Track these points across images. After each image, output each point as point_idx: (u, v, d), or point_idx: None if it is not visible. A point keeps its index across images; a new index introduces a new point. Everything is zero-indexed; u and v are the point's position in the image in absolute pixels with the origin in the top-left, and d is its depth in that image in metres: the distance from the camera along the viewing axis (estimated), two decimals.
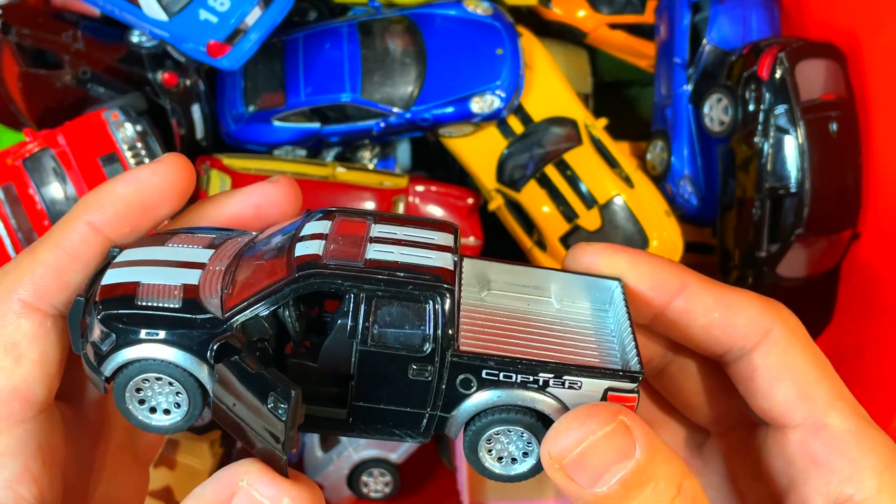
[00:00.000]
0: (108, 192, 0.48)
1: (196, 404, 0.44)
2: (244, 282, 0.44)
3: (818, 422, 0.47)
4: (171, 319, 0.43)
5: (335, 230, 0.45)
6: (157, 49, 1.19)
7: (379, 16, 1.27)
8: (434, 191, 1.29)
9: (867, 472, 0.45)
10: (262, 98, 1.25)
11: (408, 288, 0.41)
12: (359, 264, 0.42)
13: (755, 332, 0.48)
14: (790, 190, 1.13)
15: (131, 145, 1.14)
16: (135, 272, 0.45)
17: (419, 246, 0.44)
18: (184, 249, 0.47)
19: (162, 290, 0.44)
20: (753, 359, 0.48)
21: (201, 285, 0.45)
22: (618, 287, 0.48)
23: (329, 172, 1.24)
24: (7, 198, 1.12)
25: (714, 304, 0.48)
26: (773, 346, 0.48)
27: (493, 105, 1.21)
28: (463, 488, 1.27)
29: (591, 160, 1.25)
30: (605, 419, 0.41)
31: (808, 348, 0.48)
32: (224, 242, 0.48)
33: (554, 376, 0.42)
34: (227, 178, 1.20)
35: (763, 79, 1.14)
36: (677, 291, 0.48)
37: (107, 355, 0.43)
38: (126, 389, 0.44)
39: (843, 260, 1.19)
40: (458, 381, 0.43)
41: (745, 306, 0.48)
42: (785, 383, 0.47)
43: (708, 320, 0.48)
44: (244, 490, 0.40)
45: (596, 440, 0.40)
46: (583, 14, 1.36)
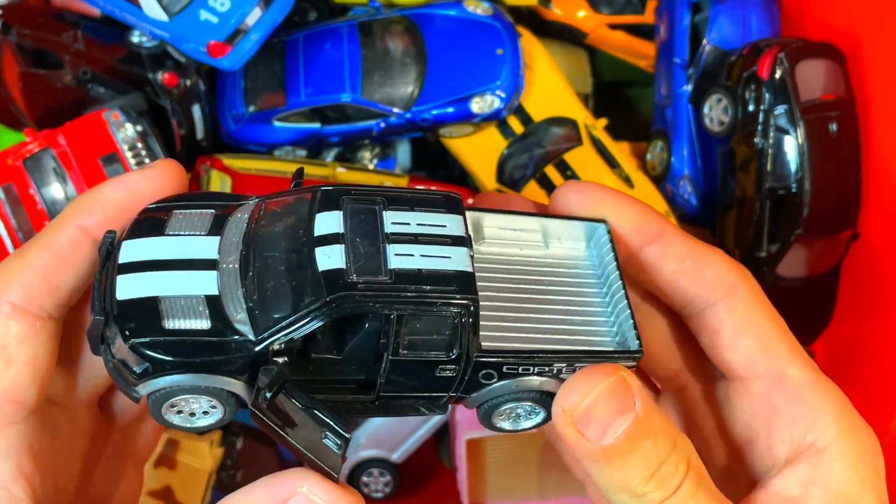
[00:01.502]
0: (98, 195, 0.48)
1: (230, 411, 0.45)
2: (268, 294, 0.43)
3: (779, 373, 0.49)
4: (205, 345, 0.42)
5: (350, 227, 0.44)
6: (158, 49, 1.19)
7: (379, 16, 1.27)
8: None
9: (826, 420, 0.48)
10: (262, 98, 1.25)
11: (437, 305, 0.43)
12: (385, 279, 0.42)
13: (722, 286, 0.51)
14: (790, 190, 1.13)
15: (132, 145, 1.14)
16: (150, 281, 0.44)
17: (435, 242, 0.45)
18: (188, 239, 0.46)
19: (186, 307, 0.43)
20: (719, 311, 0.50)
21: (223, 295, 0.44)
22: (603, 229, 0.51)
23: (329, 172, 1.25)
24: (7, 198, 1.12)
25: (687, 252, 0.51)
26: (738, 301, 0.50)
27: (493, 105, 1.21)
28: (463, 488, 1.27)
29: (591, 160, 1.25)
30: (607, 373, 0.44)
31: (768, 307, 0.51)
32: (225, 223, 0.47)
33: (567, 365, 0.45)
34: (228, 179, 1.20)
35: (763, 79, 1.14)
36: (656, 236, 0.51)
37: (140, 380, 0.42)
38: (162, 408, 0.44)
39: (843, 260, 1.19)
40: (480, 375, 0.45)
41: (714, 260, 0.51)
42: (749, 337, 0.50)
43: (679, 267, 0.51)
44: (303, 495, 0.42)
45: (601, 392, 0.44)
46: (583, 14, 1.36)
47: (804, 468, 0.48)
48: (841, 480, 0.47)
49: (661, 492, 0.44)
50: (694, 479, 0.45)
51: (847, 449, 0.47)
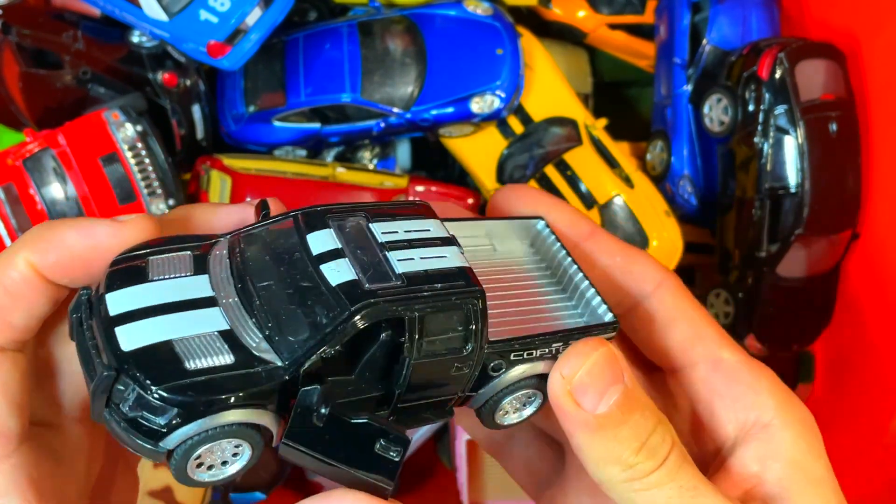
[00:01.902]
0: (56, 235, 0.45)
1: (259, 450, 0.42)
2: (283, 319, 0.42)
3: (715, 357, 0.52)
4: (236, 379, 0.39)
5: (345, 241, 0.44)
6: (158, 49, 1.19)
7: (379, 16, 1.27)
8: (434, 191, 1.29)
9: (764, 395, 0.50)
10: (262, 98, 1.25)
11: (452, 300, 0.43)
12: (398, 284, 0.43)
13: (650, 280, 0.53)
14: (790, 190, 1.13)
15: (132, 145, 1.14)
16: (154, 326, 0.41)
17: (428, 244, 0.46)
18: (177, 281, 0.43)
19: (203, 345, 0.40)
20: (651, 303, 0.53)
21: (235, 328, 0.42)
22: (542, 224, 0.54)
23: (329, 172, 1.25)
24: (7, 198, 1.12)
25: (616, 248, 0.54)
26: (666, 293, 0.53)
27: (493, 105, 1.21)
28: (463, 488, 1.27)
29: (591, 160, 1.26)
30: (597, 344, 0.46)
31: (693, 298, 0.54)
32: (206, 261, 0.45)
33: (563, 344, 0.47)
34: (228, 179, 1.20)
35: (763, 79, 1.14)
36: (587, 235, 0.55)
37: (168, 430, 0.39)
38: (188, 461, 0.41)
39: (843, 260, 1.19)
40: (490, 367, 0.46)
41: (641, 258, 0.54)
42: (681, 325, 0.52)
43: (610, 262, 0.54)
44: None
45: (594, 361, 0.45)
46: (583, 14, 1.36)
47: (757, 444, 0.50)
48: (792, 449, 0.49)
49: (651, 462, 0.45)
50: (678, 452, 0.46)
51: (789, 420, 0.50)
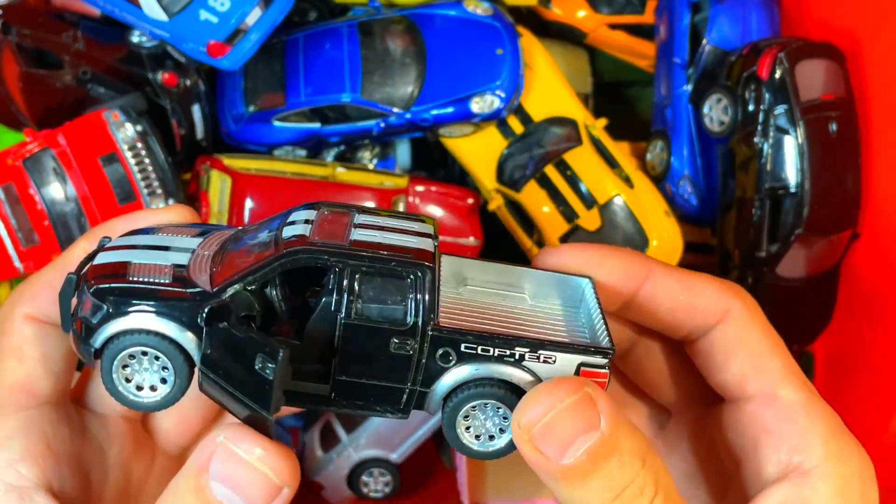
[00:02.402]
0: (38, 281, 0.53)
1: (182, 378, 0.46)
2: (233, 261, 0.46)
3: (770, 393, 0.49)
4: (162, 291, 0.45)
5: (321, 218, 0.47)
6: (158, 49, 1.19)
7: (379, 16, 1.27)
8: (434, 191, 1.29)
9: (815, 441, 0.47)
10: (262, 98, 1.25)
11: (391, 264, 0.43)
12: (344, 244, 0.44)
13: (716, 312, 0.51)
14: (790, 190, 1.13)
15: (131, 145, 1.14)
16: (126, 254, 0.47)
17: (401, 232, 0.46)
18: (173, 238, 0.49)
19: (152, 268, 0.46)
20: (713, 335, 0.51)
21: (191, 266, 0.47)
22: (588, 284, 0.51)
23: (329, 172, 1.25)
24: (7, 198, 1.12)
25: (678, 288, 0.52)
26: (731, 322, 0.51)
27: (493, 105, 1.21)
28: (463, 488, 1.27)
29: (591, 160, 1.25)
30: (571, 389, 0.42)
31: (763, 326, 0.51)
32: (211, 233, 0.50)
33: (529, 350, 0.44)
34: (228, 179, 1.20)
35: (763, 79, 1.14)
36: (644, 279, 0.52)
37: (97, 327, 0.45)
38: (114, 364, 0.45)
39: (842, 260, 1.19)
40: (438, 355, 0.44)
41: (705, 288, 0.52)
42: (740, 357, 0.50)
43: (673, 303, 0.52)
44: (222, 445, 0.42)
45: (562, 409, 0.42)
46: (583, 14, 1.36)
47: (788, 488, 0.47)
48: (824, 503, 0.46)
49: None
50: (662, 501, 0.44)
51: (834, 473, 0.47)
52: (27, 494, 0.48)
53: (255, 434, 0.42)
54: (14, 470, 0.48)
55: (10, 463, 0.48)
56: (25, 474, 0.48)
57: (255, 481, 0.41)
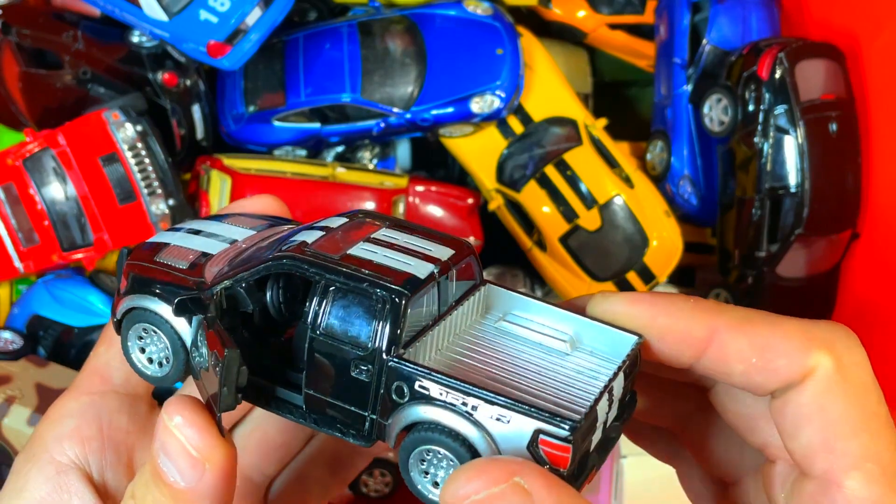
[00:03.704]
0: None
1: (179, 359, 0.48)
2: (250, 258, 0.47)
3: (835, 480, 0.41)
4: (171, 277, 0.47)
5: (344, 227, 0.47)
6: (158, 49, 1.19)
7: (379, 16, 1.27)
8: (434, 191, 1.29)
9: None
10: (262, 98, 1.25)
11: (363, 284, 0.42)
12: (334, 257, 0.43)
13: (797, 372, 0.42)
14: (790, 190, 1.13)
15: (131, 145, 1.14)
16: (174, 236, 0.51)
17: (409, 253, 0.44)
18: (231, 227, 0.52)
19: (180, 252, 0.49)
20: (789, 397, 0.43)
21: (217, 256, 0.49)
22: (636, 343, 0.44)
23: (329, 172, 1.24)
24: (7, 198, 1.12)
25: (749, 349, 0.43)
26: (812, 383, 0.42)
27: (493, 105, 1.21)
28: None
29: (591, 160, 1.25)
30: (497, 477, 0.37)
31: (854, 391, 0.42)
32: (269, 228, 0.52)
33: (484, 402, 0.40)
34: (228, 179, 1.20)
35: (763, 79, 1.14)
36: (707, 340, 0.43)
37: (119, 300, 0.49)
38: (129, 333, 0.49)
39: (842, 260, 1.19)
40: (392, 388, 0.42)
41: (785, 345, 0.43)
42: (812, 428, 0.42)
43: (745, 367, 0.43)
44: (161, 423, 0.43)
45: (482, 499, 0.37)
46: (583, 14, 1.36)
47: None
48: None
49: None
50: None
51: None
52: (63, 471, 0.50)
53: (185, 403, 0.42)
54: (59, 446, 0.50)
55: (59, 439, 0.51)
56: (67, 452, 0.50)
57: (179, 452, 0.42)
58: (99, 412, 0.52)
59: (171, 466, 0.42)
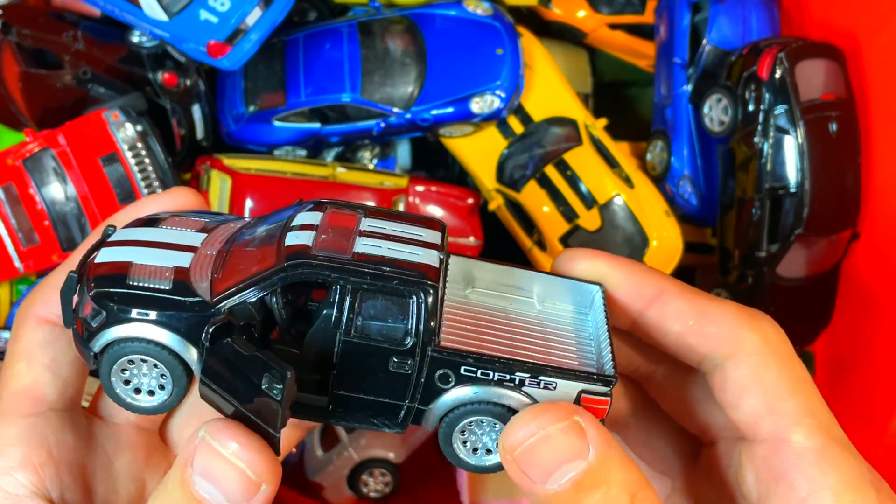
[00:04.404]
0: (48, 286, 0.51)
1: (180, 386, 0.46)
2: (234, 267, 0.45)
3: (782, 438, 0.46)
4: (162, 300, 0.44)
5: (326, 222, 0.46)
6: (158, 49, 1.19)
7: (379, 16, 1.27)
8: (434, 191, 1.29)
9: (825, 493, 0.45)
10: (262, 98, 1.25)
11: (393, 283, 0.42)
12: (347, 257, 0.43)
13: (729, 343, 0.48)
14: (790, 190, 1.13)
15: (131, 145, 1.14)
16: (128, 252, 0.47)
17: (407, 242, 0.45)
18: (177, 232, 0.48)
19: (153, 271, 0.46)
20: (725, 370, 0.48)
21: (192, 268, 0.46)
22: (598, 292, 0.49)
23: (329, 172, 1.25)
24: (7, 198, 1.12)
25: (689, 311, 0.49)
26: (745, 357, 0.47)
27: (493, 105, 1.21)
28: (463, 488, 1.27)
29: (591, 160, 1.25)
30: (559, 416, 0.42)
31: (783, 361, 0.47)
32: (216, 227, 0.50)
33: (530, 376, 0.43)
34: (228, 179, 1.20)
35: (763, 79, 1.14)
36: (653, 298, 0.49)
37: (96, 332, 0.45)
38: (112, 368, 0.46)
39: (842, 260, 1.19)
40: (436, 376, 0.44)
41: (720, 316, 0.48)
42: (753, 396, 0.47)
43: (682, 328, 0.49)
44: (202, 440, 0.42)
45: (547, 434, 0.41)
46: (583, 14, 1.36)
47: None
48: None
49: None
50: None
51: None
52: (23, 503, 0.48)
53: (233, 429, 0.42)
54: (11, 478, 0.48)
55: (8, 470, 0.48)
56: (23, 482, 0.48)
57: (231, 476, 0.42)
58: (43, 435, 0.49)
59: (215, 490, 0.42)
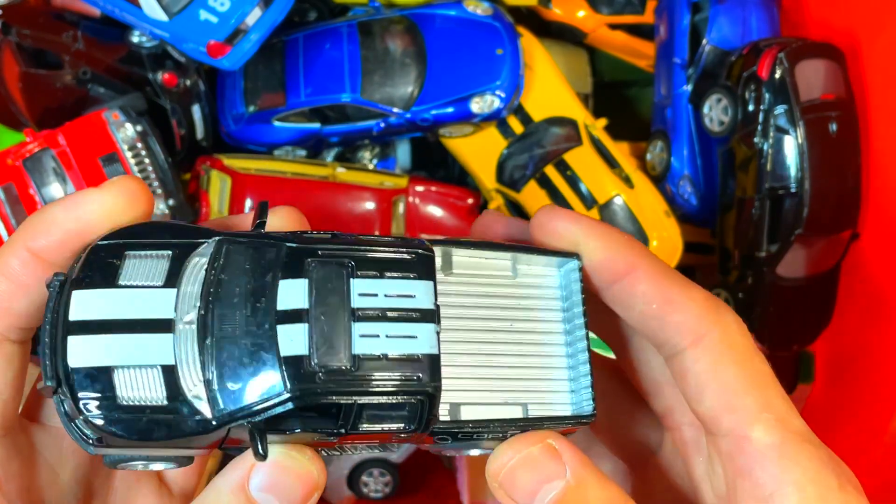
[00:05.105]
0: (47, 216, 0.46)
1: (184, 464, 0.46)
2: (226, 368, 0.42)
3: (742, 434, 0.46)
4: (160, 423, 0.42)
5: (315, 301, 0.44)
6: (158, 49, 1.19)
7: (379, 16, 1.27)
8: (434, 191, 1.29)
9: (789, 489, 0.44)
10: (262, 98, 1.25)
11: (398, 398, 0.43)
12: (348, 366, 0.43)
13: (689, 333, 0.47)
14: (790, 190, 1.13)
15: (131, 145, 1.14)
16: (102, 347, 0.42)
17: (403, 318, 0.44)
18: (142, 293, 0.43)
19: (141, 379, 0.42)
20: (686, 361, 0.47)
21: (179, 365, 0.43)
22: (575, 265, 0.49)
23: (329, 172, 1.25)
24: (7, 198, 1.12)
25: (654, 294, 0.47)
26: (705, 350, 0.46)
27: (493, 105, 1.21)
28: (463, 488, 1.27)
29: (590, 160, 1.26)
30: (534, 441, 0.44)
31: (742, 355, 0.47)
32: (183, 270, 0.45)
33: (520, 431, 0.46)
34: (228, 179, 1.20)
35: (763, 79, 1.14)
36: (624, 273, 0.48)
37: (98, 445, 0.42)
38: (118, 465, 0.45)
39: (842, 260, 1.19)
40: (436, 437, 0.46)
41: (685, 304, 0.47)
42: (711, 391, 0.46)
43: (645, 308, 0.47)
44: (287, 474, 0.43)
45: (524, 458, 0.44)
46: (583, 14, 1.36)
47: None
48: None
49: None
50: None
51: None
52: None
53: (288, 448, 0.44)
54: None
55: None
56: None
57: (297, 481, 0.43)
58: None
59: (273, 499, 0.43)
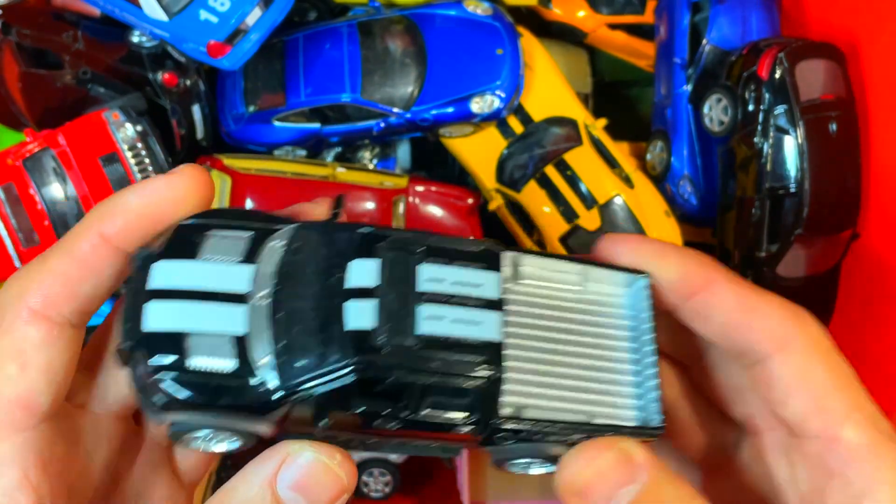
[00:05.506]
0: (119, 201, 0.47)
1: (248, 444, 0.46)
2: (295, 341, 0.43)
3: (833, 435, 0.47)
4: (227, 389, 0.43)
5: (384, 281, 0.44)
6: (158, 49, 1.19)
7: (379, 16, 1.27)
8: (434, 191, 1.29)
9: (881, 487, 0.45)
10: (262, 98, 1.25)
11: (460, 381, 0.43)
12: (412, 345, 0.43)
13: (774, 340, 0.48)
14: (790, 190, 1.13)
15: (132, 145, 1.14)
16: (178, 313, 0.44)
17: (467, 304, 0.45)
18: (222, 267, 0.45)
19: (213, 346, 0.43)
20: (771, 367, 0.48)
21: (250, 336, 0.44)
22: (644, 283, 0.49)
23: (329, 172, 1.25)
24: (7, 198, 1.12)
25: (735, 305, 0.48)
26: (791, 355, 0.47)
27: (493, 105, 1.21)
28: (463, 488, 1.27)
29: (590, 160, 1.26)
30: (605, 446, 0.44)
31: (828, 358, 0.48)
32: (261, 250, 0.46)
33: (585, 436, 0.46)
34: (228, 179, 1.20)
35: (763, 79, 1.14)
36: (700, 288, 0.49)
37: (162, 411, 0.43)
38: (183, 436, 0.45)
39: (842, 260, 1.19)
40: (495, 437, 0.46)
41: (766, 312, 0.48)
42: (800, 394, 0.47)
43: (726, 319, 0.48)
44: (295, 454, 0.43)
45: (599, 463, 0.44)
46: (583, 14, 1.36)
47: None
48: None
49: None
50: None
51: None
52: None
53: (329, 446, 0.44)
54: (10, 499, 0.45)
55: (7, 492, 0.45)
56: (23, 502, 0.45)
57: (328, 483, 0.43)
58: (38, 451, 0.45)
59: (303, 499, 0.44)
